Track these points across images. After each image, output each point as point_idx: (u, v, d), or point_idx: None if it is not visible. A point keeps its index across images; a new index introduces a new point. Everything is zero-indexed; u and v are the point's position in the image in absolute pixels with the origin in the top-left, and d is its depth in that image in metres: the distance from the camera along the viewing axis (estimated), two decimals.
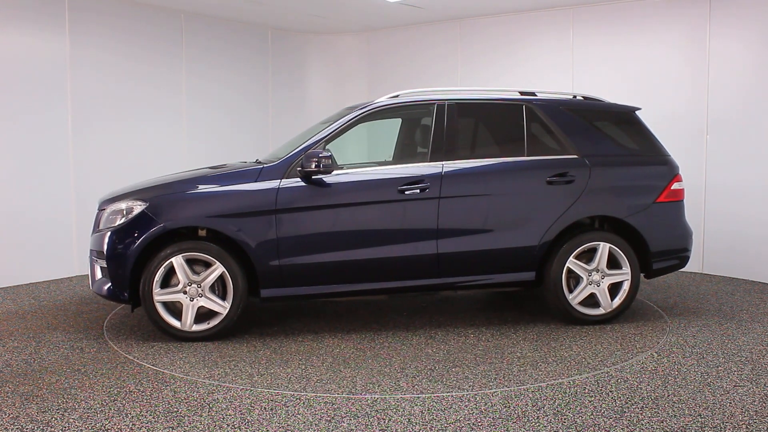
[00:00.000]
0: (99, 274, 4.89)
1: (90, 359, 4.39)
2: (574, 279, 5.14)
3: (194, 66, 8.08)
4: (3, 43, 6.46)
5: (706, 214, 6.97)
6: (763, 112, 6.56)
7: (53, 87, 6.82)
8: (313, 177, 4.83)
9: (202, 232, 4.87)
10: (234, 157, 7.38)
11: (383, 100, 5.23)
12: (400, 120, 5.98)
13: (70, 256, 7.05)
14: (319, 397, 3.73)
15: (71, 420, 3.41)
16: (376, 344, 4.72)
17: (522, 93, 5.40)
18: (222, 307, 4.74)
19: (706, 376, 4.02)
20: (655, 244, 5.21)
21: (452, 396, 3.74)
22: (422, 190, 4.90)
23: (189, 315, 4.72)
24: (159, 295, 4.69)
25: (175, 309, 4.78)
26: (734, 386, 3.86)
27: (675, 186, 5.31)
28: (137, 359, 4.38)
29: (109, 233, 4.75)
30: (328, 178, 4.86)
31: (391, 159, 5.88)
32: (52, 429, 3.31)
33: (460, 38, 8.52)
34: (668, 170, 5.33)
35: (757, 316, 5.40)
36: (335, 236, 4.85)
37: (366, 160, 7.06)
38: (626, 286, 5.13)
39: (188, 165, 7.83)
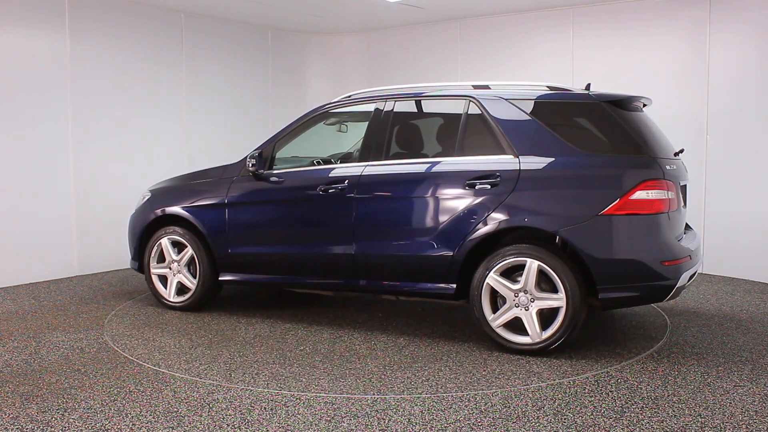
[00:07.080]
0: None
1: (90, 359, 4.39)
2: (503, 299, 4.45)
3: (194, 66, 8.08)
4: (3, 42, 6.46)
5: (706, 214, 6.97)
6: (764, 112, 6.56)
7: (53, 87, 6.81)
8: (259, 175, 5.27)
9: None
10: (234, 158, 7.36)
11: (336, 100, 5.29)
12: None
13: (70, 256, 7.05)
14: (319, 397, 3.73)
15: (71, 420, 3.41)
16: (374, 344, 4.73)
17: (475, 87, 4.81)
18: (192, 284, 5.53)
19: (706, 376, 4.02)
20: (600, 266, 4.19)
21: (452, 396, 3.74)
22: (341, 190, 4.89)
23: (171, 287, 5.63)
24: (154, 269, 5.69)
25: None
26: (734, 386, 3.86)
27: (638, 195, 4.15)
28: (137, 359, 4.38)
29: (133, 215, 5.89)
30: (272, 177, 5.24)
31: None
32: (52, 429, 3.31)
33: (460, 38, 8.52)
34: (631, 175, 4.20)
35: (757, 316, 5.40)
36: (266, 231, 5.29)
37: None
38: (561, 315, 4.24)
39: (187, 165, 7.84)
